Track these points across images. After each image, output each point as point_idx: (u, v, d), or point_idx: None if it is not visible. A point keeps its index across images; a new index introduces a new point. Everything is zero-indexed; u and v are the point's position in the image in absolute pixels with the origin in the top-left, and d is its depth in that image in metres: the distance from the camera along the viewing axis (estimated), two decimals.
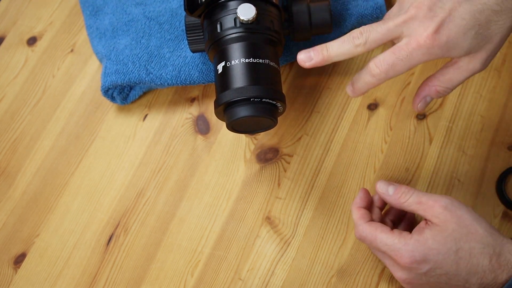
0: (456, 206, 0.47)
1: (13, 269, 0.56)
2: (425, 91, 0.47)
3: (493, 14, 0.41)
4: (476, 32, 0.41)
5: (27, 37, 0.65)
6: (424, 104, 0.48)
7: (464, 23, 0.41)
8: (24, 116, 0.62)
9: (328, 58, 0.46)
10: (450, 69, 0.45)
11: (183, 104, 0.62)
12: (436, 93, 0.46)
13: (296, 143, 0.60)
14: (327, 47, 0.46)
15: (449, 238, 0.45)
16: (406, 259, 0.46)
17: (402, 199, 0.49)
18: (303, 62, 0.47)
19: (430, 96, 0.47)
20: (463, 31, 0.41)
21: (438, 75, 0.46)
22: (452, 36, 0.41)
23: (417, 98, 0.48)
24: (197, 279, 0.55)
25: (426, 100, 0.47)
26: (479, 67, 0.44)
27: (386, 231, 0.48)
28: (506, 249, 0.46)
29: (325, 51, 0.46)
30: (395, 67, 0.43)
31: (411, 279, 0.47)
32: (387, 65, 0.43)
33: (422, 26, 0.41)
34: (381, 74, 0.44)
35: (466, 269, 0.45)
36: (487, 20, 0.41)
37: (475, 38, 0.41)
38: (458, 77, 0.45)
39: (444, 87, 0.46)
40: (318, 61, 0.46)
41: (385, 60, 0.43)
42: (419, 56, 0.42)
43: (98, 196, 0.59)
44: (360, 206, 0.51)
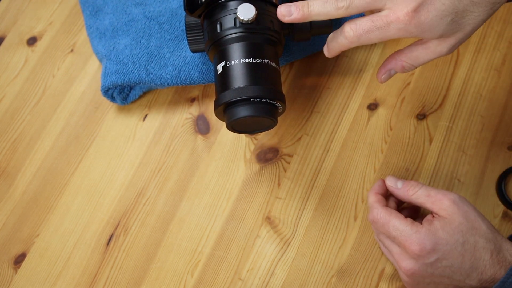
0: (463, 202, 0.48)
1: (13, 269, 0.56)
2: (391, 64, 0.48)
3: (471, 4, 0.42)
4: (452, 19, 0.42)
5: (27, 37, 0.65)
6: (388, 76, 0.49)
7: (443, 8, 0.42)
8: (24, 116, 0.62)
9: (308, 16, 0.46)
10: (419, 47, 0.46)
11: (183, 104, 0.62)
12: (402, 68, 0.47)
13: (296, 143, 0.60)
14: (309, 4, 0.46)
15: (457, 230, 0.46)
16: (416, 247, 0.46)
17: (411, 192, 0.50)
18: (282, 16, 0.47)
19: (394, 70, 0.48)
20: (441, 15, 0.42)
21: (407, 51, 0.47)
22: (430, 18, 0.42)
23: (383, 69, 0.49)
24: (197, 279, 0.55)
25: (390, 73, 0.49)
26: (446, 51, 0.45)
27: (400, 217, 0.49)
28: (504, 246, 0.47)
29: (306, 8, 0.46)
30: (369, 34, 0.44)
31: (416, 270, 0.47)
32: (362, 30, 0.44)
33: (404, 2, 0.42)
34: (353, 37, 0.44)
35: (469, 262, 0.46)
36: (464, 9, 0.42)
37: (449, 24, 0.42)
38: (425, 57, 0.46)
39: (410, 63, 0.47)
40: (297, 17, 0.46)
41: (361, 25, 0.44)
42: (395, 30, 0.43)
43: (98, 196, 0.59)
44: (377, 192, 0.53)
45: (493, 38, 0.63)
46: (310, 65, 0.62)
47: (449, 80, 0.61)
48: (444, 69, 0.62)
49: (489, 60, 0.62)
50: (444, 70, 0.62)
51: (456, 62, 0.62)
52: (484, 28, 0.63)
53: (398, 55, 0.47)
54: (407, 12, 0.42)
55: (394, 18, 0.42)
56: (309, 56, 0.62)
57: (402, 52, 0.47)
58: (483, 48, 0.62)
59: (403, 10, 0.42)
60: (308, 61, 0.62)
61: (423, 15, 0.42)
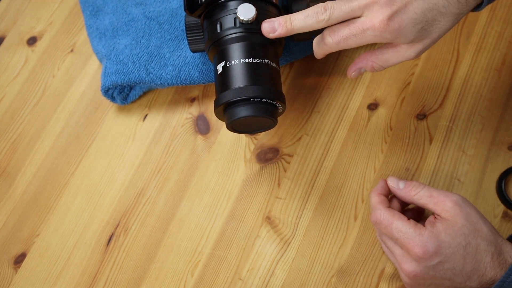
0: (466, 203, 0.48)
1: (13, 269, 0.56)
2: (362, 62, 0.51)
3: (439, 14, 0.46)
4: (422, 27, 0.46)
5: (27, 37, 0.65)
6: (357, 73, 0.52)
7: (415, 16, 0.45)
8: (24, 116, 0.62)
9: (292, 30, 0.49)
10: (390, 51, 0.49)
11: (183, 104, 0.62)
12: (371, 67, 0.50)
13: (296, 143, 0.60)
14: (291, 20, 0.48)
15: (459, 232, 0.46)
16: (419, 249, 0.46)
17: (413, 192, 0.50)
18: (267, 32, 0.50)
19: (364, 69, 0.51)
20: (413, 23, 0.45)
21: (378, 53, 0.50)
22: (403, 25, 0.45)
23: (354, 67, 0.52)
24: (197, 279, 0.55)
25: (360, 70, 0.52)
26: (414, 56, 0.48)
27: (403, 219, 0.49)
28: (504, 249, 0.47)
29: (289, 23, 0.48)
30: (347, 41, 0.47)
31: (418, 272, 0.47)
32: (340, 37, 0.47)
33: (380, 10, 0.45)
34: (333, 44, 0.48)
35: (471, 265, 0.46)
36: (433, 18, 0.46)
37: (419, 32, 0.46)
38: (394, 60, 0.49)
39: (379, 64, 0.50)
40: (282, 33, 0.49)
41: (339, 32, 0.47)
42: (371, 36, 0.46)
43: (98, 196, 0.59)
44: (380, 193, 0.52)
45: (493, 38, 0.63)
46: (310, 65, 0.62)
47: (449, 80, 0.61)
48: (444, 69, 0.62)
49: (489, 60, 0.62)
50: (444, 70, 0.62)
51: (456, 62, 0.62)
52: (484, 28, 0.63)
53: (370, 56, 0.50)
54: (382, 19, 0.45)
55: (370, 25, 0.46)
56: (309, 56, 0.62)
57: (373, 53, 0.50)
58: (483, 48, 0.62)
59: (378, 18, 0.45)
60: (308, 61, 0.62)
61: (397, 22, 0.45)
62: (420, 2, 0.45)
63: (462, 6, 0.46)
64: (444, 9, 0.46)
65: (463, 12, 0.47)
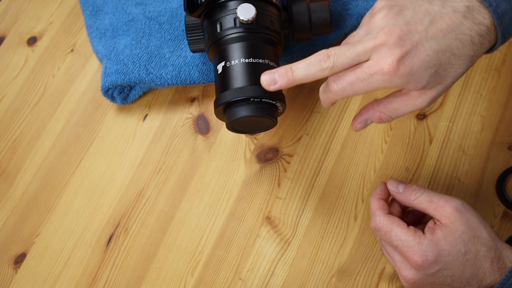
0: (466, 209, 0.47)
1: (13, 269, 0.56)
2: (368, 114, 0.47)
3: (452, 57, 0.42)
4: (436, 71, 0.42)
5: (27, 37, 0.65)
6: (363, 125, 0.48)
7: (427, 59, 0.42)
8: (24, 116, 0.62)
9: (294, 81, 0.44)
10: (399, 99, 0.45)
11: (183, 104, 0.62)
12: (379, 119, 0.46)
13: (296, 143, 0.60)
14: (292, 70, 0.44)
15: (459, 239, 0.46)
16: (419, 258, 0.46)
17: (413, 196, 0.49)
18: (267, 85, 0.45)
19: (371, 120, 0.47)
20: (425, 67, 0.42)
21: (386, 102, 0.46)
22: (414, 69, 0.41)
23: (359, 118, 0.47)
24: (197, 279, 0.55)
25: (366, 122, 0.47)
26: (426, 104, 0.44)
27: (403, 226, 0.48)
28: (504, 253, 0.47)
29: (290, 74, 0.44)
30: (353, 87, 0.43)
31: (417, 279, 0.47)
32: (345, 83, 0.43)
33: (389, 52, 0.41)
34: (338, 90, 0.43)
35: (470, 271, 0.46)
36: (447, 61, 0.42)
37: (432, 76, 0.42)
38: (404, 109, 0.45)
39: (388, 115, 0.46)
40: (283, 84, 0.45)
41: (345, 78, 0.43)
42: (379, 81, 0.42)
43: (98, 196, 0.59)
44: (380, 198, 0.52)
45: None
46: None
47: None
48: None
49: (489, 60, 0.62)
50: None
51: None
52: None
53: (377, 105, 0.46)
54: (392, 62, 0.41)
55: (378, 69, 0.41)
56: None
57: (381, 102, 0.46)
58: None
59: (387, 61, 0.41)
60: None
61: (408, 66, 0.41)
62: (432, 43, 0.41)
63: (476, 47, 0.43)
64: (458, 51, 0.42)
65: (477, 55, 0.43)
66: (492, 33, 0.43)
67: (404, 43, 0.41)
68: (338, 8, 0.61)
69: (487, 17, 0.43)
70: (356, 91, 0.43)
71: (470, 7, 0.43)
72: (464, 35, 0.42)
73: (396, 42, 0.41)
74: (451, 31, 0.42)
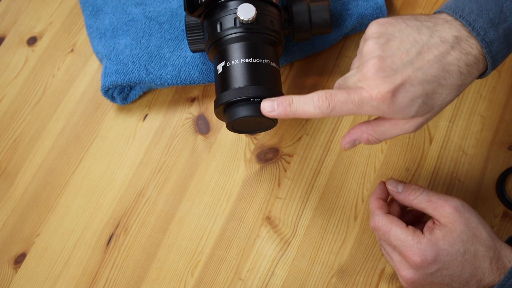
0: (465, 208, 0.47)
1: (13, 269, 0.56)
2: (357, 134, 0.47)
3: (439, 87, 0.43)
4: (423, 101, 0.43)
5: (27, 37, 0.65)
6: (351, 145, 0.48)
7: (413, 90, 0.42)
8: (24, 116, 0.62)
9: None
10: (387, 123, 0.45)
11: (183, 104, 0.62)
12: (367, 140, 0.47)
13: (296, 143, 0.60)
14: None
15: (458, 239, 0.46)
16: (417, 258, 0.46)
17: (412, 196, 0.49)
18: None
19: (359, 141, 0.48)
20: (412, 97, 0.42)
21: (374, 125, 0.46)
22: (401, 101, 0.42)
23: (348, 138, 0.48)
24: (197, 279, 0.55)
25: (354, 142, 0.48)
26: (413, 129, 0.45)
27: (402, 226, 0.48)
28: (503, 253, 0.47)
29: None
30: (342, 108, 0.43)
31: (416, 279, 0.47)
32: (338, 101, 0.43)
33: (375, 84, 0.42)
34: (328, 109, 0.43)
35: (469, 271, 0.46)
36: (434, 91, 0.43)
37: (420, 106, 0.43)
38: (391, 133, 0.46)
39: (375, 137, 0.46)
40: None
41: (337, 96, 0.43)
42: (368, 107, 0.43)
43: (98, 196, 0.59)
44: (379, 197, 0.52)
45: None
46: (310, 65, 0.62)
47: None
48: None
49: None
50: None
51: None
52: None
53: (365, 127, 0.47)
54: (380, 93, 0.42)
55: (367, 96, 0.42)
56: (309, 56, 0.62)
57: (369, 124, 0.47)
58: None
59: (374, 90, 0.42)
60: (308, 61, 0.62)
61: (395, 97, 0.42)
62: (418, 74, 0.42)
63: (464, 77, 0.43)
64: (445, 81, 0.43)
65: (465, 84, 0.44)
66: (480, 62, 0.43)
67: (388, 74, 0.42)
68: (338, 8, 0.61)
69: (475, 46, 0.43)
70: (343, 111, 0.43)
71: (458, 37, 0.43)
72: (452, 65, 0.42)
73: (378, 74, 0.42)
74: (438, 62, 0.42)
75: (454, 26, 0.43)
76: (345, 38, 0.63)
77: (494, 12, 0.43)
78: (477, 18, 0.43)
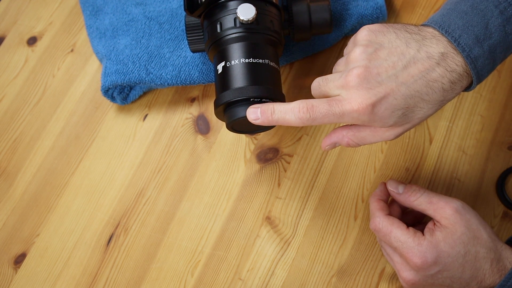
0: (466, 210, 0.47)
1: (13, 269, 0.56)
2: (337, 138, 0.48)
3: (421, 101, 0.43)
4: (403, 113, 0.44)
5: (27, 37, 0.65)
6: (331, 147, 0.49)
7: (395, 102, 0.43)
8: (24, 116, 0.62)
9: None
10: (367, 130, 0.46)
11: (183, 104, 0.62)
12: (347, 144, 0.48)
13: (296, 143, 0.60)
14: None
15: (458, 241, 0.46)
16: (418, 260, 0.46)
17: (413, 197, 0.50)
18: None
19: (339, 144, 0.48)
20: (392, 109, 0.43)
21: (355, 130, 0.47)
22: (381, 111, 0.43)
23: (328, 140, 0.49)
24: (197, 279, 0.55)
25: (335, 145, 0.49)
26: (392, 138, 0.46)
27: (402, 228, 0.48)
28: (504, 255, 0.47)
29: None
30: (324, 119, 0.44)
31: (416, 281, 0.47)
32: (319, 113, 0.44)
33: (357, 94, 0.43)
34: (308, 120, 0.44)
35: (470, 273, 0.46)
36: (415, 105, 0.43)
37: (400, 117, 0.44)
38: (371, 139, 0.47)
39: (355, 142, 0.47)
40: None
41: (318, 108, 0.44)
42: (349, 118, 0.44)
43: (98, 196, 0.59)
44: (380, 199, 0.52)
45: None
46: (310, 65, 0.62)
47: None
48: None
49: None
50: None
51: None
52: None
53: (346, 131, 0.47)
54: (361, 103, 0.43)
55: (349, 108, 0.43)
56: (309, 56, 0.62)
57: (350, 129, 0.47)
58: None
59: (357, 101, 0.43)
60: (308, 61, 0.62)
61: (376, 108, 0.43)
62: (401, 88, 0.43)
63: (447, 93, 0.44)
64: (427, 97, 0.43)
65: (448, 99, 0.44)
66: (464, 79, 0.44)
67: (371, 85, 0.43)
68: (338, 8, 0.61)
69: (460, 64, 0.43)
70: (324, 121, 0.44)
71: (444, 54, 0.43)
72: (436, 82, 0.43)
73: (362, 84, 0.43)
74: (422, 78, 0.43)
75: (441, 42, 0.44)
76: (345, 38, 0.63)
77: (479, 28, 0.43)
78: (463, 34, 0.43)
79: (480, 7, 0.44)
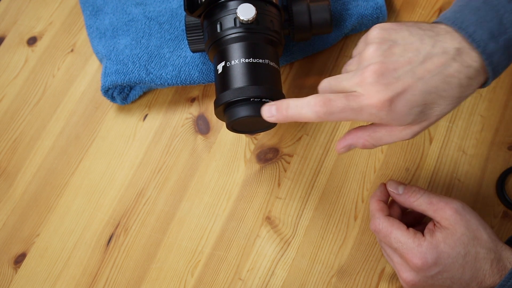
0: (466, 210, 0.47)
1: (13, 269, 0.56)
2: (353, 139, 0.47)
3: (438, 98, 0.43)
4: (421, 110, 0.43)
5: (27, 37, 0.65)
6: (346, 150, 0.48)
7: (413, 99, 0.42)
8: (24, 116, 0.62)
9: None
10: (383, 129, 0.45)
11: (183, 104, 0.62)
12: (363, 145, 0.47)
13: (296, 143, 0.60)
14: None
15: (458, 242, 0.46)
16: (418, 261, 0.46)
17: (413, 198, 0.49)
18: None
19: (355, 146, 0.47)
20: (410, 106, 0.42)
21: (370, 131, 0.46)
22: (400, 108, 0.42)
23: (343, 142, 0.47)
24: (197, 279, 0.55)
25: (350, 147, 0.47)
26: (409, 137, 0.45)
27: (402, 229, 0.48)
28: (504, 255, 0.47)
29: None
30: (341, 114, 0.43)
31: (416, 282, 0.47)
32: (336, 107, 0.43)
33: (375, 90, 0.42)
34: (325, 114, 0.43)
35: (470, 273, 0.46)
36: (433, 102, 0.43)
37: (417, 115, 0.43)
38: (387, 139, 0.46)
39: (371, 143, 0.46)
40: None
41: (336, 102, 0.43)
42: (367, 114, 0.43)
43: (98, 196, 0.59)
44: (380, 199, 0.51)
45: None
46: (310, 65, 0.62)
47: None
48: None
49: None
50: None
51: None
52: None
53: (362, 132, 0.46)
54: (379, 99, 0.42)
55: (367, 103, 0.42)
56: (309, 56, 0.62)
57: (366, 130, 0.46)
58: None
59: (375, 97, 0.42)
60: (308, 61, 0.62)
61: (394, 104, 0.42)
62: (419, 84, 0.42)
63: (464, 89, 0.43)
64: (444, 93, 0.42)
65: (465, 95, 0.44)
66: (481, 75, 0.43)
67: (389, 81, 0.42)
68: (338, 8, 0.61)
69: (476, 59, 0.42)
70: (341, 118, 0.43)
71: (460, 49, 0.42)
72: (452, 77, 0.42)
73: (379, 80, 0.42)
74: (439, 73, 0.42)
75: (455, 38, 0.43)
76: (345, 38, 0.63)
77: (493, 23, 0.43)
78: (477, 29, 0.42)
79: (493, 3, 0.43)
